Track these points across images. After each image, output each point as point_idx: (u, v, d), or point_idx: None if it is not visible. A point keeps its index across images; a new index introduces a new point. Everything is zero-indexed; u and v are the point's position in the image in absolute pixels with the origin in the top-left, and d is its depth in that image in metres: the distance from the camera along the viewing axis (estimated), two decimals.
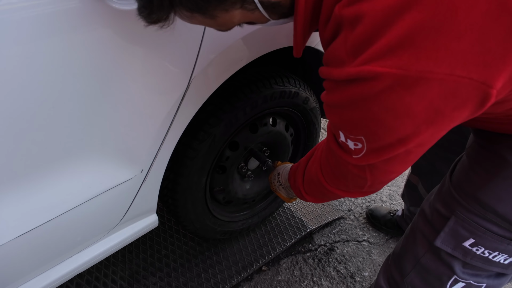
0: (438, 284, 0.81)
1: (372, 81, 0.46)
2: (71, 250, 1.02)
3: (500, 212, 0.66)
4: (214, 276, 1.51)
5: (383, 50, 0.43)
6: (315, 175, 0.79)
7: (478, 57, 0.41)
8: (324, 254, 1.77)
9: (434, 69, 0.42)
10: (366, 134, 0.54)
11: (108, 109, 0.84)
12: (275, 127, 1.38)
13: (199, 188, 1.24)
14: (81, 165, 0.87)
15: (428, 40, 0.41)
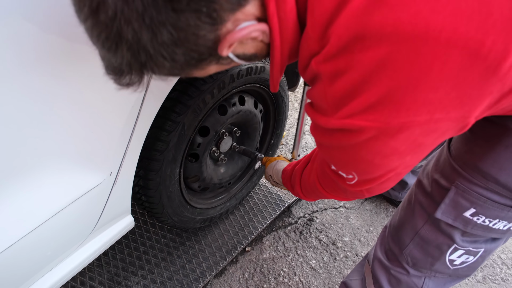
0: (438, 253, 0.81)
1: (357, 133, 0.48)
2: (42, 270, 0.92)
3: (502, 181, 0.65)
4: (199, 265, 1.47)
5: (364, 106, 0.45)
6: (313, 185, 0.81)
7: (455, 100, 0.44)
8: (304, 226, 1.78)
9: (414, 118, 0.45)
10: (356, 171, 0.59)
11: (62, 111, 0.73)
12: (244, 106, 1.31)
13: (174, 181, 1.17)
14: (39, 178, 0.77)
15: (406, 96, 0.43)
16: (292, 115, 2.57)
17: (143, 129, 0.90)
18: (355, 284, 1.07)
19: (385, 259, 0.93)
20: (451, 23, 0.39)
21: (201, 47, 0.45)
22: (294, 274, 1.55)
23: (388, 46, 0.41)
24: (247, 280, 1.51)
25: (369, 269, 1.01)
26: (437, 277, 0.88)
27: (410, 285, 0.90)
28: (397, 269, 0.90)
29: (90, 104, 0.76)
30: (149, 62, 0.45)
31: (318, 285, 1.52)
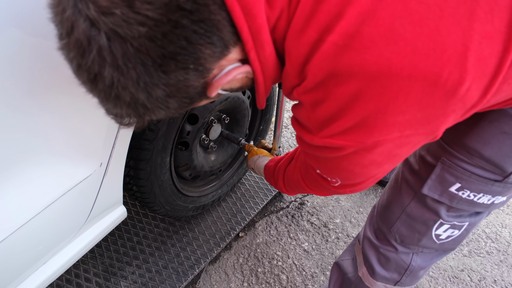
0: (424, 229, 0.83)
1: (338, 149, 0.55)
2: (35, 264, 0.92)
3: (486, 156, 0.67)
4: (193, 252, 1.48)
5: (342, 129, 0.52)
6: (297, 182, 0.86)
7: (421, 120, 0.50)
8: (296, 210, 1.80)
9: (387, 137, 0.51)
10: (339, 177, 0.65)
11: (49, 102, 0.72)
12: (232, 93, 1.31)
13: (164, 170, 1.17)
14: (28, 171, 0.76)
15: (377, 120, 0.49)
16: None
17: None
18: (346, 263, 1.10)
19: (374, 238, 0.95)
20: (411, 61, 0.44)
21: (191, 93, 0.51)
22: (287, 257, 1.58)
23: (358, 82, 0.47)
24: (241, 265, 1.54)
25: (359, 249, 1.03)
26: (424, 252, 0.90)
27: (398, 262, 0.92)
28: (386, 247, 0.92)
29: (76, 94, 0.75)
30: (147, 113, 0.50)
31: (311, 267, 1.55)
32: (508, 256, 1.65)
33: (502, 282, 1.54)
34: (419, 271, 0.93)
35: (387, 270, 0.94)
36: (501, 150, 0.65)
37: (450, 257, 1.63)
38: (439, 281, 1.53)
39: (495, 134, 0.65)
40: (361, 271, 1.01)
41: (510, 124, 0.63)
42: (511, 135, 0.64)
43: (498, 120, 0.64)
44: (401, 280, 0.94)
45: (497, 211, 1.88)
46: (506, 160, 0.66)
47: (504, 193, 0.71)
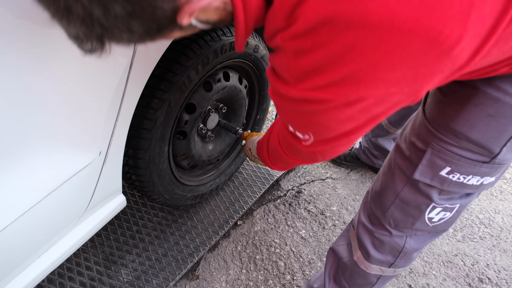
0: (418, 213, 0.86)
1: (317, 102, 0.52)
2: (36, 252, 0.93)
3: (473, 138, 0.69)
4: (192, 241, 1.50)
5: (327, 82, 0.48)
6: (275, 148, 0.85)
7: (410, 78, 0.48)
8: (293, 198, 1.83)
9: (372, 93, 0.49)
10: (312, 131, 0.61)
11: (47, 90, 0.72)
12: (228, 82, 1.32)
13: (163, 159, 1.18)
14: (27, 161, 0.77)
15: (367, 75, 0.47)
16: None
17: (130, 107, 0.90)
18: (342, 249, 1.12)
19: (369, 223, 0.97)
20: (416, 14, 0.42)
21: (159, 17, 0.44)
22: (285, 244, 1.61)
23: (354, 32, 0.43)
24: (240, 253, 1.56)
25: (354, 234, 1.05)
26: (417, 235, 0.93)
27: (392, 245, 0.95)
28: (380, 232, 0.95)
29: (74, 83, 0.76)
30: (106, 34, 0.44)
31: (309, 253, 1.58)
32: (500, 241, 1.69)
33: (495, 266, 1.58)
34: (413, 253, 0.96)
35: (382, 253, 0.97)
36: (488, 132, 0.68)
37: (444, 243, 1.66)
38: (433, 266, 1.57)
39: (481, 118, 0.67)
40: (356, 255, 1.04)
41: (494, 107, 0.65)
42: (496, 118, 0.66)
43: (483, 104, 0.66)
44: (395, 262, 0.97)
45: (491, 197, 1.91)
46: (492, 142, 0.68)
47: (492, 173, 0.74)
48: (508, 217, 1.81)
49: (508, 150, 0.70)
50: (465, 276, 1.54)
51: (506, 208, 1.86)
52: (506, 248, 1.66)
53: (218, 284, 1.44)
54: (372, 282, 1.05)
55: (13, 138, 0.73)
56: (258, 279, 1.47)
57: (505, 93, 0.64)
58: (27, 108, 0.71)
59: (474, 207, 1.85)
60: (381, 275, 1.03)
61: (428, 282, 1.50)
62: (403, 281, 1.50)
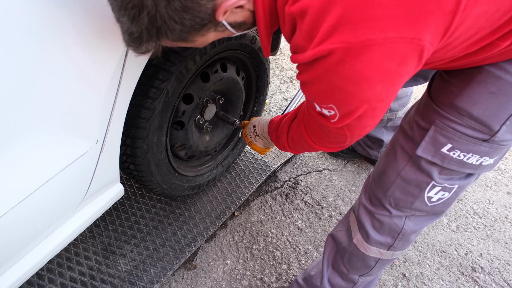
0: (418, 191, 0.89)
1: (327, 57, 0.56)
2: (35, 240, 0.94)
3: (475, 115, 0.73)
4: (189, 231, 1.51)
5: (329, 30, 0.54)
6: (300, 135, 0.89)
7: (401, 18, 0.51)
8: (290, 189, 1.84)
9: (371, 36, 0.52)
10: (334, 102, 0.65)
11: (43, 80, 0.73)
12: (226, 73, 1.32)
13: (161, 149, 1.19)
14: (25, 149, 0.77)
15: (358, 15, 0.51)
16: (274, 82, 2.58)
17: (126, 95, 0.91)
18: (341, 234, 1.14)
19: (369, 204, 1.00)
20: None
21: (202, 13, 0.59)
22: (281, 235, 1.62)
23: None
24: (237, 243, 1.58)
25: (354, 219, 1.07)
26: (416, 215, 0.95)
27: (392, 226, 0.97)
28: (380, 212, 0.97)
29: (69, 70, 0.76)
30: (163, 26, 0.58)
31: (305, 243, 1.60)
32: (494, 231, 1.71)
33: (488, 255, 1.60)
34: (411, 234, 0.98)
35: (381, 235, 0.99)
36: (488, 109, 0.71)
37: (438, 233, 1.69)
38: (427, 255, 1.59)
39: (483, 95, 0.70)
40: (356, 238, 1.06)
41: (496, 84, 0.69)
42: (497, 95, 0.70)
43: (486, 81, 0.70)
44: (394, 244, 0.99)
45: (485, 188, 1.94)
46: (493, 119, 0.72)
47: (491, 154, 0.77)
48: (502, 207, 1.83)
49: (507, 130, 0.74)
50: (459, 265, 1.56)
51: (500, 198, 1.88)
52: (499, 238, 1.68)
53: (216, 273, 1.46)
54: (370, 266, 1.07)
55: (8, 126, 0.73)
56: (255, 268, 1.49)
57: (506, 72, 0.68)
58: (22, 96, 0.72)
59: (468, 198, 1.87)
60: (380, 259, 1.05)
61: (422, 271, 1.52)
62: (397, 270, 1.52)
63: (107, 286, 1.30)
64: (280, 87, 2.56)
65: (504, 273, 1.54)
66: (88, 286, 1.29)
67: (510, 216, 1.79)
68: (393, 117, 1.68)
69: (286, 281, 1.46)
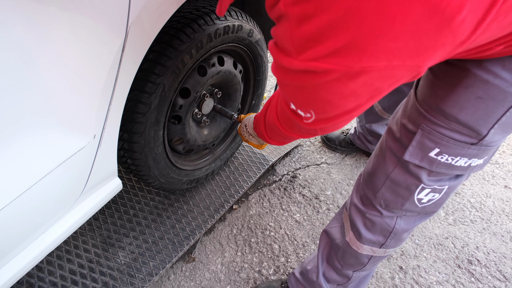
0: (407, 193, 0.88)
1: (320, 74, 0.51)
2: (33, 234, 0.95)
3: (462, 120, 0.71)
4: (188, 224, 1.53)
5: (329, 50, 0.48)
6: (273, 123, 0.86)
7: (412, 50, 0.48)
8: (288, 183, 1.85)
9: (374, 64, 0.49)
10: (314, 109, 0.61)
11: (40, 75, 0.73)
12: (223, 66, 1.32)
13: (158, 143, 1.19)
14: (22, 144, 0.78)
15: (370, 44, 0.47)
16: (272, 76, 2.57)
17: (123, 90, 0.91)
18: (335, 230, 1.15)
19: (360, 204, 1.00)
20: None
21: None
22: (280, 228, 1.63)
23: None
24: (235, 236, 1.59)
25: (347, 216, 1.08)
26: (407, 216, 0.95)
27: (383, 226, 0.97)
28: (371, 212, 0.97)
29: (66, 66, 0.76)
30: None
31: (303, 236, 1.61)
32: (491, 224, 1.72)
33: (484, 248, 1.62)
34: (403, 233, 0.98)
35: (373, 234, 1.00)
36: (476, 114, 0.69)
37: (435, 226, 1.70)
38: (424, 248, 1.60)
39: (470, 100, 0.68)
40: (348, 236, 1.06)
41: (483, 89, 0.67)
42: (484, 100, 0.67)
43: (473, 86, 0.67)
44: (386, 243, 1.00)
45: (483, 181, 1.94)
46: (480, 124, 0.70)
47: (480, 155, 0.76)
48: (499, 201, 1.84)
49: (495, 132, 0.72)
50: (455, 258, 1.57)
51: (497, 192, 1.89)
52: (496, 231, 1.69)
53: (214, 266, 1.47)
54: (363, 263, 1.08)
55: (4, 121, 0.73)
56: (253, 261, 1.50)
57: (494, 76, 0.65)
58: (19, 91, 0.72)
59: (466, 191, 1.88)
60: (372, 256, 1.05)
61: (418, 264, 1.54)
62: (394, 262, 1.53)
63: (106, 278, 1.31)
64: None
65: (500, 265, 1.55)
66: (87, 278, 1.30)
67: (507, 209, 1.80)
68: None
69: (284, 273, 1.47)
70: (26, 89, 0.72)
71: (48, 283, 1.27)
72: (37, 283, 1.27)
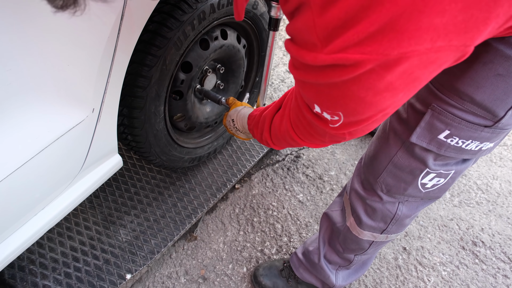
0: (411, 178, 0.83)
1: (350, 67, 0.43)
2: (33, 209, 0.93)
3: (477, 100, 0.65)
4: (190, 203, 1.51)
5: (361, 36, 0.40)
6: (285, 132, 0.76)
7: (460, 25, 0.40)
8: (291, 163, 1.82)
9: (416, 48, 0.41)
10: (344, 110, 0.53)
11: (35, 46, 0.69)
12: (226, 40, 1.27)
13: (159, 119, 1.16)
14: (18, 117, 0.74)
15: (410, 22, 0.38)
16: (276, 53, 2.51)
17: (122, 62, 0.87)
18: (335, 214, 1.12)
19: (361, 190, 0.96)
20: None
21: None
22: (282, 208, 1.62)
23: None
24: (237, 215, 1.57)
25: (347, 199, 1.04)
26: (410, 201, 0.91)
27: (384, 212, 0.94)
28: (372, 198, 0.93)
29: (62, 34, 0.72)
30: None
31: (306, 216, 1.59)
32: (496, 206, 1.70)
33: (489, 230, 1.60)
34: (405, 219, 0.95)
35: (374, 220, 0.96)
36: (494, 94, 0.63)
37: (440, 207, 1.68)
38: (428, 230, 1.59)
39: (488, 77, 0.62)
40: (349, 221, 1.04)
41: (505, 66, 0.60)
42: (505, 77, 0.61)
43: (493, 62, 0.61)
44: (387, 229, 0.97)
45: (490, 163, 1.91)
46: (498, 104, 0.64)
47: (492, 139, 0.71)
48: (506, 183, 1.81)
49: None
50: (459, 239, 1.56)
51: (504, 174, 1.86)
52: (502, 213, 1.67)
53: (216, 245, 1.46)
54: (364, 248, 1.06)
55: (1, 93, 0.70)
56: (255, 240, 1.49)
57: None
58: (15, 63, 0.68)
59: (472, 173, 1.85)
60: (374, 241, 1.03)
61: (422, 245, 1.52)
62: (398, 243, 1.52)
63: (108, 255, 1.30)
64: (283, 59, 2.48)
65: (505, 247, 1.54)
66: (88, 255, 1.30)
67: None
68: None
69: (286, 253, 1.46)
70: (21, 61, 0.69)
71: (49, 259, 1.27)
72: (38, 259, 1.26)
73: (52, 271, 1.24)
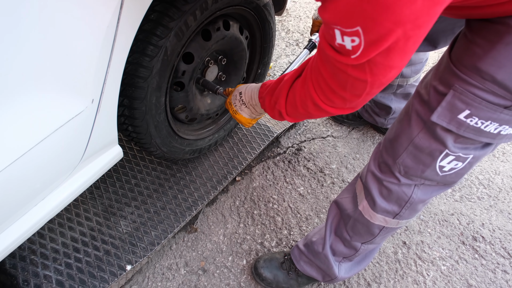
0: (430, 160, 0.85)
1: None
2: (33, 200, 0.93)
3: (499, 79, 0.67)
4: (190, 195, 1.50)
5: None
6: (306, 94, 0.77)
7: None
8: (293, 155, 1.81)
9: None
10: (362, 21, 0.52)
11: (33, 35, 0.67)
12: (229, 31, 1.25)
13: (160, 110, 1.15)
14: (16, 107, 0.73)
15: None
16: (279, 45, 2.49)
17: (122, 52, 0.85)
18: (346, 201, 1.12)
19: (378, 171, 0.97)
20: None
21: None
22: (283, 201, 1.61)
23: None
24: (238, 208, 1.57)
25: (361, 186, 1.05)
26: (426, 185, 0.92)
27: (400, 195, 0.94)
28: (389, 179, 0.94)
29: (60, 22, 0.70)
30: None
31: (306, 210, 1.59)
32: (498, 202, 1.70)
33: (490, 225, 1.59)
34: (419, 204, 0.96)
35: (388, 202, 0.97)
36: None
37: (441, 202, 1.67)
38: (428, 224, 1.58)
39: (510, 57, 0.64)
40: (361, 205, 1.04)
41: None
42: None
43: None
44: (400, 213, 0.97)
45: (492, 158, 1.90)
46: None
47: (511, 122, 0.72)
48: (508, 178, 1.80)
49: None
50: (460, 234, 1.56)
51: (507, 169, 1.85)
52: (503, 208, 1.67)
53: (216, 237, 1.46)
54: (374, 233, 1.06)
55: None
56: (256, 233, 1.49)
57: None
58: (13, 52, 0.67)
59: (474, 168, 1.84)
60: (384, 227, 1.03)
61: (422, 240, 1.52)
62: (398, 238, 1.52)
63: (108, 246, 1.31)
64: (285, 50, 2.46)
65: (505, 243, 1.53)
66: (89, 246, 1.30)
67: None
68: (404, 84, 1.61)
69: (286, 246, 1.46)
70: (19, 50, 0.67)
71: (50, 250, 1.27)
72: (39, 249, 1.26)
73: (53, 261, 1.24)
